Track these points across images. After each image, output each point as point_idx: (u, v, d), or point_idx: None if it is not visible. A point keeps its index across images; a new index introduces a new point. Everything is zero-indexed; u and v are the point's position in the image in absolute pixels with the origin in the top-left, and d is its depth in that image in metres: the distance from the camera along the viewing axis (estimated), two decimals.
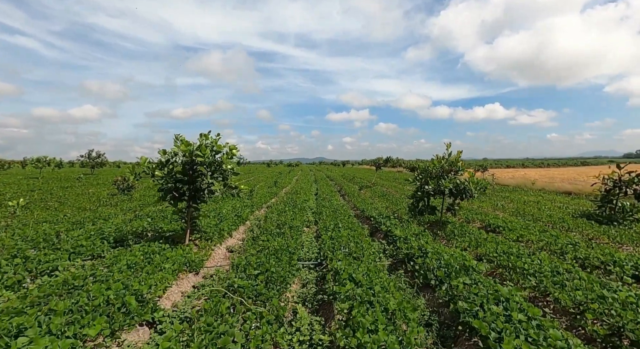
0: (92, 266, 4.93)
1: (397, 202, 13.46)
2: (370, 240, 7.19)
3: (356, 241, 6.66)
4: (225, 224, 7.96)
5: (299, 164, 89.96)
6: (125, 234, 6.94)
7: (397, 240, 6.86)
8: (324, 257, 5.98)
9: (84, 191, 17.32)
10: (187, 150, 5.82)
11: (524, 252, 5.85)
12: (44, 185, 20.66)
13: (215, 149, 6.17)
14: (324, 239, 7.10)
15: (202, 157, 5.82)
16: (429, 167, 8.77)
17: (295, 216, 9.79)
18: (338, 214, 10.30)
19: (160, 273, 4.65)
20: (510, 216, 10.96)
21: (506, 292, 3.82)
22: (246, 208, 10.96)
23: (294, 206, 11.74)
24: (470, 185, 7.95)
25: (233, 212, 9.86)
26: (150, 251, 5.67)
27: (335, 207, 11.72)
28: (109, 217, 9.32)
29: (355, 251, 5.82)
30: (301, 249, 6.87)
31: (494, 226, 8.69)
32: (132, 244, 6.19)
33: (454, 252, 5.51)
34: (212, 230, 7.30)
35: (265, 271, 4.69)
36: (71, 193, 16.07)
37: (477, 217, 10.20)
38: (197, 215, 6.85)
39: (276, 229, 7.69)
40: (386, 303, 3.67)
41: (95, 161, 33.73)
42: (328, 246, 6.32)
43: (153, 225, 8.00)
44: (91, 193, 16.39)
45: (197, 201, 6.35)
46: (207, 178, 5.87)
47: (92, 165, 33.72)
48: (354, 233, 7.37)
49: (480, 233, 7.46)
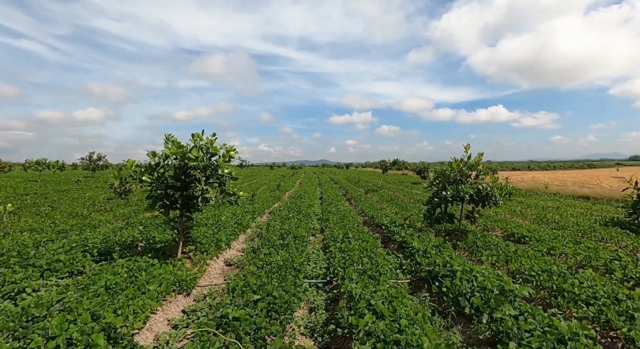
0: (65, 287, 4.23)
1: (407, 208, 12.68)
2: (385, 252, 6.43)
3: (369, 254, 5.90)
4: (223, 234, 7.23)
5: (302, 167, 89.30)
6: (112, 246, 6.25)
7: (416, 253, 6.09)
8: (334, 275, 5.23)
9: (80, 195, 16.71)
10: (178, 152, 5.12)
11: (563, 269, 5.07)
12: (41, 188, 20.11)
13: (211, 151, 5.47)
14: (332, 251, 6.36)
15: (195, 161, 5.12)
16: (446, 171, 8.00)
17: (300, 223, 9.06)
18: (346, 221, 9.56)
19: (142, 297, 3.93)
20: (531, 223, 10.15)
21: (566, 329, 3.05)
22: (247, 214, 10.25)
23: (298, 212, 11.01)
24: (494, 191, 7.18)
25: (233, 219, 9.15)
26: (136, 267, 4.96)
27: (342, 213, 10.97)
28: (100, 225, 8.64)
29: (370, 268, 5.06)
30: (307, 264, 6.13)
31: (519, 236, 7.89)
32: (117, 259, 5.48)
33: (487, 271, 4.73)
34: (209, 241, 6.58)
35: (267, 296, 3.95)
36: (66, 197, 15.46)
37: (497, 225, 9.40)
38: (191, 225, 6.14)
39: (279, 239, 6.95)
40: (417, 343, 2.92)
41: (96, 164, 33.26)
42: (338, 261, 5.57)
43: (145, 234, 7.30)
44: (88, 197, 15.77)
45: (191, 210, 5.64)
46: (202, 184, 5.16)
47: (93, 168, 33.25)
48: (365, 244, 6.62)
49: (507, 246, 6.67)
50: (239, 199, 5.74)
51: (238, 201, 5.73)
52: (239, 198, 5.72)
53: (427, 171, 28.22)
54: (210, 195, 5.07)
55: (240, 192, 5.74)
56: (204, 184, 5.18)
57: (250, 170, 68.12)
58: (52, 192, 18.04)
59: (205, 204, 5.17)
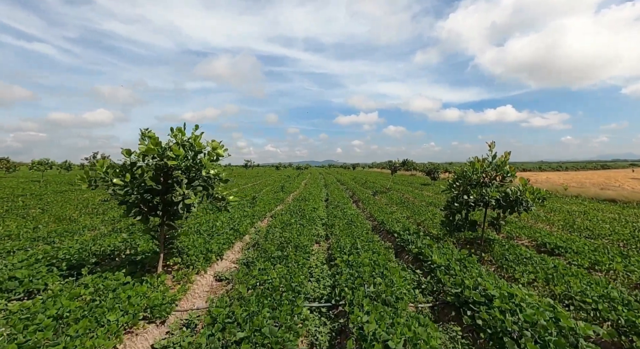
0: (8, 314, 3.43)
1: (420, 212, 11.72)
2: (399, 266, 5.51)
3: (382, 270, 5.00)
4: (215, 243, 6.40)
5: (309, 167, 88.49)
6: (88, 257, 5.46)
7: (437, 269, 5.17)
8: (340, 297, 4.35)
9: (77, 196, 16.12)
10: (154, 150, 4.30)
11: (626, 295, 4.11)
12: (40, 189, 19.64)
13: (196, 148, 4.64)
14: (338, 265, 5.48)
15: (175, 160, 4.29)
16: (467, 173, 7.05)
17: (303, 229, 8.19)
18: (353, 227, 8.66)
19: (99, 331, 3.11)
20: (559, 230, 9.12)
21: None
22: (246, 219, 9.42)
23: (301, 217, 10.14)
24: (525, 194, 6.21)
25: (229, 225, 8.32)
26: (104, 286, 4.15)
27: (349, 218, 10.08)
28: (84, 230, 7.90)
29: (384, 290, 4.16)
30: (309, 280, 5.26)
31: (552, 246, 6.90)
32: (85, 275, 4.68)
33: (533, 298, 3.78)
34: (197, 252, 5.75)
35: (255, 332, 3.09)
36: (62, 199, 14.85)
37: (522, 232, 8.40)
38: (176, 234, 5.32)
39: (277, 250, 6.08)
40: None
41: None
42: (345, 279, 4.68)
43: (129, 242, 6.52)
44: (84, 198, 15.15)
45: (172, 217, 4.82)
46: (182, 188, 4.32)
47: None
48: (376, 257, 5.72)
49: (543, 260, 5.70)
50: (229, 205, 4.89)
51: (227, 206, 4.89)
52: (229, 203, 4.88)
53: (437, 172, 27.08)
54: (192, 200, 4.22)
55: (230, 197, 4.90)
56: (185, 188, 4.34)
57: (255, 170, 67.60)
58: (50, 193, 17.52)
59: (188, 212, 4.33)
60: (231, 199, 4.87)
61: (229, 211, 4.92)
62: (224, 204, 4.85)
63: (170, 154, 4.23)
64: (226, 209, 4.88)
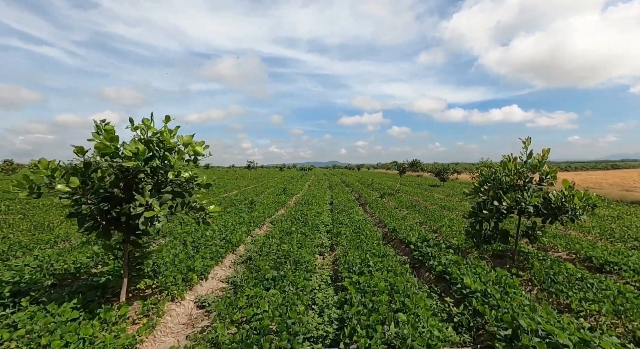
0: None
1: (434, 217, 10.62)
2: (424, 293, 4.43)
3: (402, 298, 3.94)
4: (200, 258, 5.39)
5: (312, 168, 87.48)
6: (42, 279, 4.49)
7: (472, 297, 4.11)
8: (351, 340, 3.30)
9: None
10: (109, 148, 3.31)
11: None
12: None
13: (166, 145, 3.65)
14: (347, 289, 4.44)
15: (135, 160, 3.29)
16: (498, 174, 5.96)
17: (304, 240, 7.16)
18: (362, 236, 7.61)
19: None
20: (597, 239, 7.99)
21: None
22: (242, 226, 8.42)
23: (303, 223, 9.11)
24: (574, 201, 5.12)
25: (220, 235, 7.32)
26: (43, 324, 3.16)
27: (356, 225, 9.03)
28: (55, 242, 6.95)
29: (410, 333, 3.11)
30: (311, 307, 4.22)
31: (600, 261, 5.79)
32: (26, 305, 3.70)
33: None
34: (175, 272, 4.75)
35: None
36: (49, 203, 13.99)
37: (557, 242, 7.29)
38: (147, 252, 4.31)
39: (273, 269, 5.05)
40: None
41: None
42: (356, 311, 3.64)
43: (100, 258, 5.56)
44: None
45: (139, 234, 3.82)
46: (145, 196, 3.32)
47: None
48: (393, 278, 4.67)
49: (602, 283, 4.60)
50: (209, 216, 3.88)
51: (207, 218, 3.87)
52: (209, 215, 3.87)
53: (447, 173, 25.90)
54: (156, 212, 3.22)
55: (210, 207, 3.88)
56: (148, 196, 3.34)
57: (258, 172, 66.82)
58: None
59: (151, 226, 3.33)
60: (212, 210, 3.86)
61: (209, 223, 3.91)
62: (203, 216, 3.83)
63: (126, 152, 3.24)
64: (205, 222, 3.86)
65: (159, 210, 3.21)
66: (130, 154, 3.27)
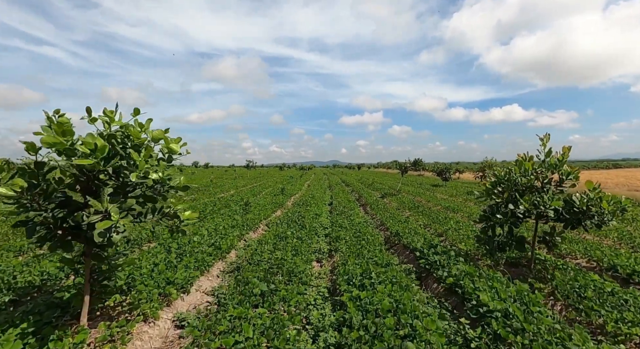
0: None
1: (438, 219, 10.06)
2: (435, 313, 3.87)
3: (411, 320, 3.38)
4: (181, 270, 4.82)
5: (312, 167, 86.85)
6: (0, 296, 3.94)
7: (490, 318, 3.55)
8: None
9: None
10: (62, 144, 2.75)
11: None
12: None
13: (133, 140, 3.08)
14: (346, 305, 3.89)
15: (92, 158, 2.73)
16: (513, 175, 5.39)
17: (301, 245, 6.60)
18: (363, 241, 7.06)
19: None
20: (617, 244, 7.43)
21: None
22: (234, 230, 7.87)
23: (300, 227, 8.56)
24: (603, 204, 4.56)
25: (210, 240, 6.76)
26: None
27: (357, 228, 8.48)
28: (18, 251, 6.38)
29: None
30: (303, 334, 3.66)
31: (627, 271, 5.22)
32: None
33: None
34: (151, 285, 4.19)
35: None
36: None
37: (575, 248, 6.73)
38: (113, 266, 3.74)
39: (263, 282, 4.49)
40: None
41: None
42: (357, 337, 3.08)
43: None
44: None
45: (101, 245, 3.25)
46: (104, 202, 2.76)
47: None
48: (398, 292, 4.12)
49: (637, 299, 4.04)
50: (184, 224, 3.32)
51: (182, 225, 3.31)
52: (184, 222, 3.30)
53: (449, 172, 25.31)
54: (114, 221, 2.65)
55: (186, 213, 3.32)
56: (107, 201, 2.77)
57: (257, 171, 66.26)
58: None
59: (108, 237, 2.76)
60: (186, 216, 3.29)
61: (184, 233, 3.35)
62: (177, 224, 3.27)
63: (82, 148, 2.68)
64: (178, 231, 3.30)
65: (117, 218, 2.65)
66: (86, 151, 2.71)
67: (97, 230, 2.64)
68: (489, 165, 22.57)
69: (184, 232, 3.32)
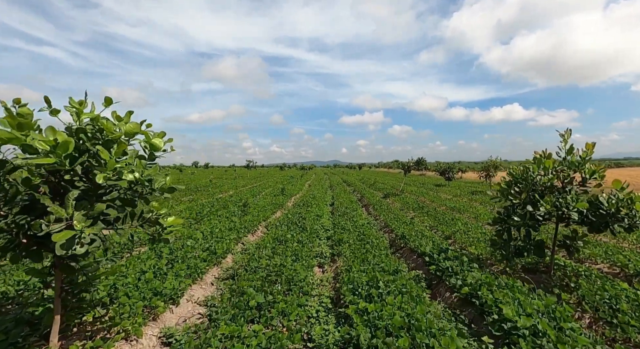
0: None
1: (444, 220, 9.64)
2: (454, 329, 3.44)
3: (427, 340, 2.97)
4: (170, 279, 4.41)
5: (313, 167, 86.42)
6: None
7: (516, 335, 3.13)
8: None
9: None
10: (19, 139, 2.34)
11: None
12: None
13: (106, 135, 2.67)
14: (352, 319, 3.48)
15: (53, 156, 2.32)
16: (532, 174, 4.96)
17: (301, 250, 6.19)
18: (367, 245, 6.64)
19: None
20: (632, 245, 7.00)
21: None
22: (231, 233, 7.45)
23: (301, 229, 8.14)
24: (636, 206, 4.13)
25: (205, 243, 6.35)
26: None
27: (360, 230, 8.06)
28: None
29: None
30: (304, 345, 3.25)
31: None
32: None
33: None
34: (136, 296, 3.78)
35: None
36: None
37: (596, 252, 6.30)
38: (91, 277, 3.33)
39: (259, 292, 4.07)
40: None
41: None
42: None
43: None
44: None
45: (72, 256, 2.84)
46: (69, 207, 2.35)
47: None
48: (409, 303, 3.71)
49: None
50: (167, 232, 2.90)
51: (164, 233, 2.90)
52: (167, 229, 2.89)
53: (452, 172, 24.85)
54: (78, 230, 2.24)
55: (169, 219, 2.91)
56: (72, 206, 2.36)
57: (258, 171, 65.87)
58: None
59: (71, 250, 2.35)
60: (170, 222, 2.88)
61: (168, 241, 2.93)
62: (159, 232, 2.86)
63: (38, 145, 2.26)
64: (160, 239, 2.89)
65: (81, 227, 2.23)
66: (45, 148, 2.30)
67: (57, 242, 2.23)
68: (493, 165, 22.10)
69: (166, 241, 2.90)
